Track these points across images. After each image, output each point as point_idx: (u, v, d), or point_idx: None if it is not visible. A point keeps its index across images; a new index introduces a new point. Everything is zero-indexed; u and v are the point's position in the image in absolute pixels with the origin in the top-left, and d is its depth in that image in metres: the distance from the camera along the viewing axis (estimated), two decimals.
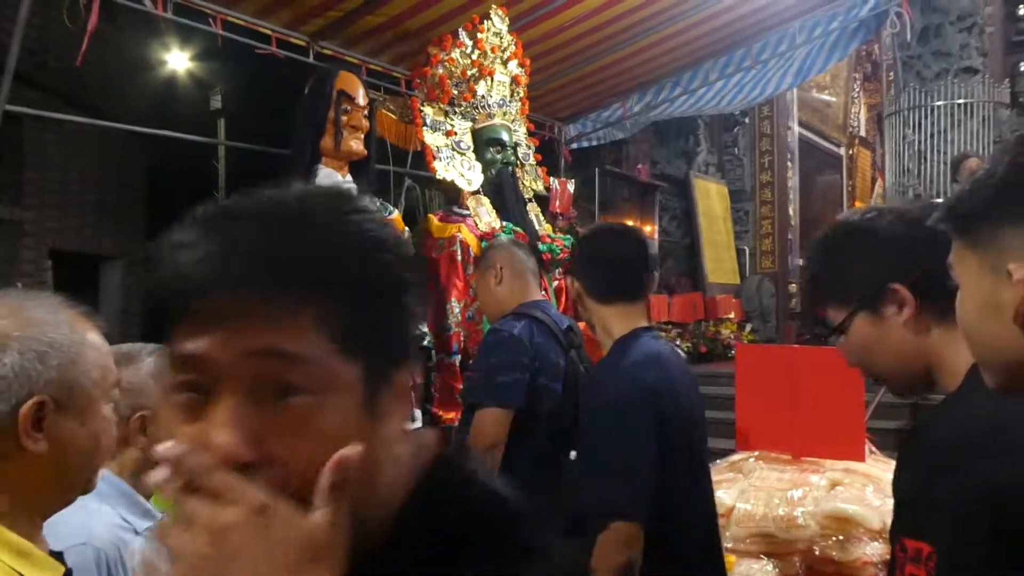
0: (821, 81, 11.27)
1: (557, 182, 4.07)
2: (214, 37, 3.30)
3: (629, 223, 7.48)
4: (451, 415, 2.98)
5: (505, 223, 3.32)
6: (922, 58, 6.95)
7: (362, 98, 2.84)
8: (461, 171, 3.33)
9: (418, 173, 4.00)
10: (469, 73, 3.41)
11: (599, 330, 1.82)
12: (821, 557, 2.21)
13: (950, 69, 6.84)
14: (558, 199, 4.05)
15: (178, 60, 7.04)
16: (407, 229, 3.00)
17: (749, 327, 8.80)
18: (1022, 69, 8.52)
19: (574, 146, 5.56)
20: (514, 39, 3.58)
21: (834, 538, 2.20)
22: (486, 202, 3.37)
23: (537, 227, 3.53)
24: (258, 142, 3.72)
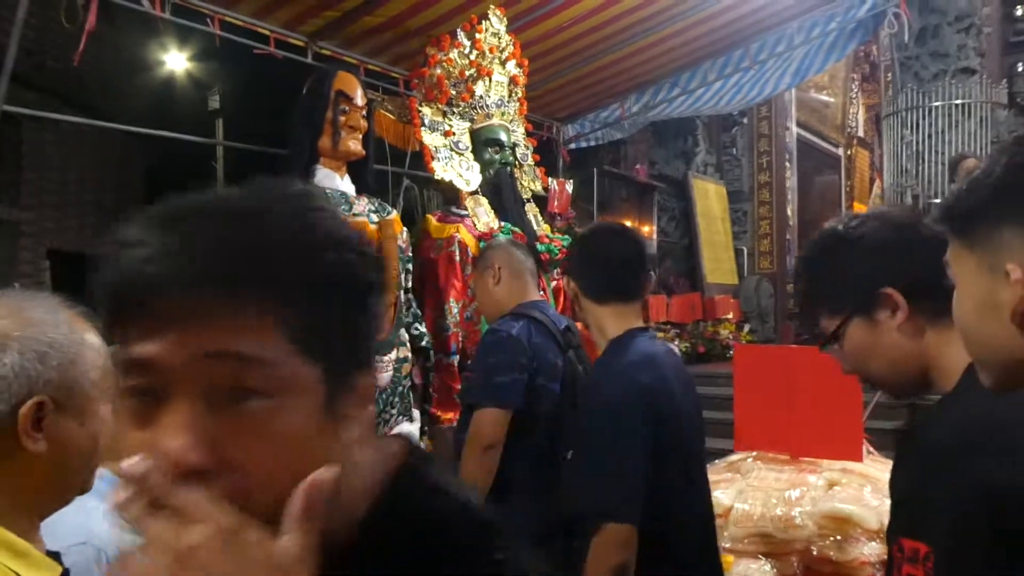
0: (819, 82, 11.28)
1: (555, 182, 4.07)
2: (212, 37, 3.30)
3: (627, 223, 7.48)
4: (449, 415, 2.98)
5: (503, 223, 3.32)
6: (920, 59, 6.96)
7: (360, 98, 2.84)
8: (459, 171, 3.33)
9: (416, 173, 4.00)
10: (467, 73, 3.41)
11: (594, 330, 1.82)
12: (819, 557, 2.21)
13: (948, 70, 6.85)
14: (556, 199, 4.05)
15: (176, 60, 7.04)
16: (405, 229, 2.99)
17: (747, 327, 8.81)
18: (1020, 69, 8.54)
19: (572, 146, 5.55)
20: (512, 39, 3.58)
21: (832, 538, 2.20)
22: (484, 202, 3.37)
23: (535, 227, 3.53)
24: (256, 142, 3.72)
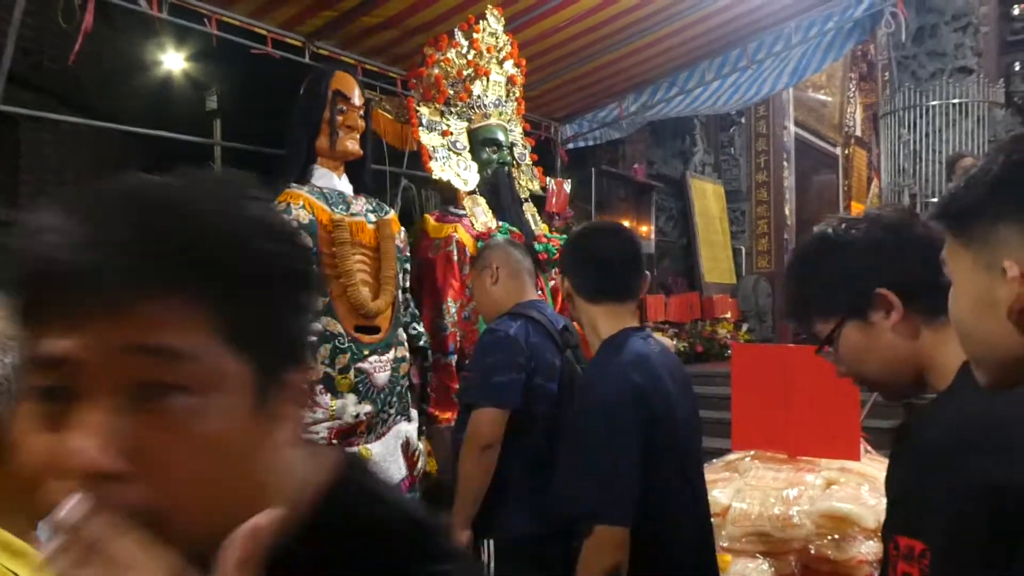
0: (817, 81, 11.30)
1: (553, 182, 4.06)
2: (209, 37, 3.29)
3: (624, 223, 7.48)
4: (447, 415, 2.98)
5: (501, 223, 3.32)
6: (917, 58, 6.96)
7: (358, 98, 2.83)
8: (457, 171, 3.32)
9: (414, 173, 4.00)
10: (465, 73, 3.41)
11: (588, 329, 1.80)
12: (817, 556, 2.21)
13: (945, 69, 6.85)
14: (554, 199, 4.05)
15: (173, 60, 7.02)
16: (403, 229, 2.99)
17: (745, 327, 8.82)
18: (1017, 69, 8.55)
19: (570, 146, 5.55)
20: (510, 39, 3.57)
21: (830, 537, 2.20)
22: (482, 202, 3.36)
23: (533, 227, 3.52)
24: (253, 142, 3.72)
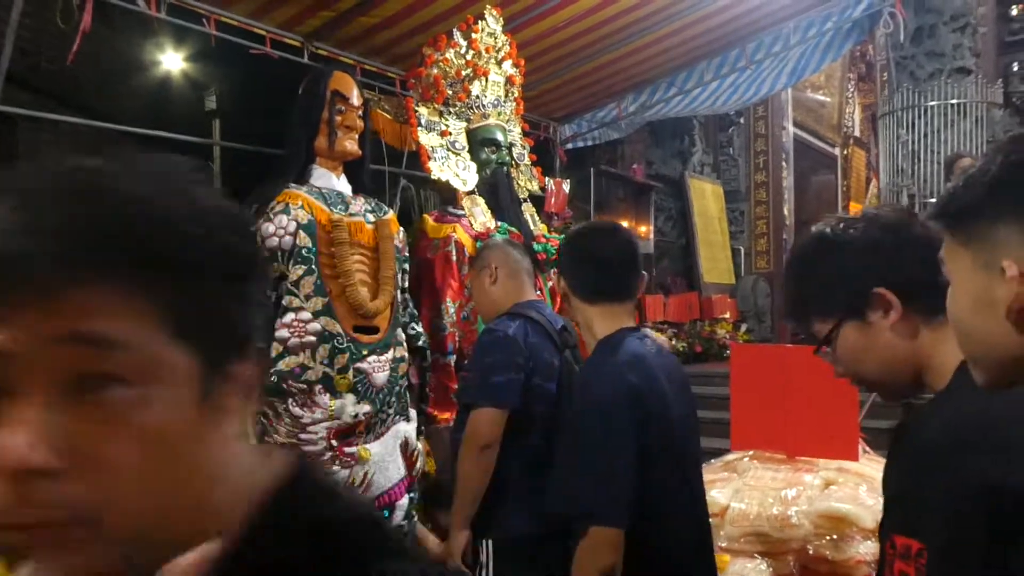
0: (816, 81, 11.31)
1: (552, 182, 4.06)
2: (208, 38, 3.29)
3: (623, 223, 7.48)
4: (446, 415, 2.97)
5: (500, 223, 3.32)
6: (915, 58, 6.97)
7: (356, 98, 2.83)
8: (456, 171, 3.32)
9: (413, 173, 4.00)
10: (464, 73, 3.41)
11: (584, 329, 1.80)
12: (815, 556, 2.22)
13: (943, 69, 6.86)
14: (553, 199, 4.04)
15: (172, 61, 7.02)
16: (402, 229, 2.99)
17: (744, 327, 8.82)
18: (1015, 69, 8.56)
19: (569, 146, 5.55)
20: (509, 39, 3.57)
21: (828, 537, 2.20)
22: (481, 202, 3.36)
23: (532, 227, 3.52)
24: (252, 142, 3.71)
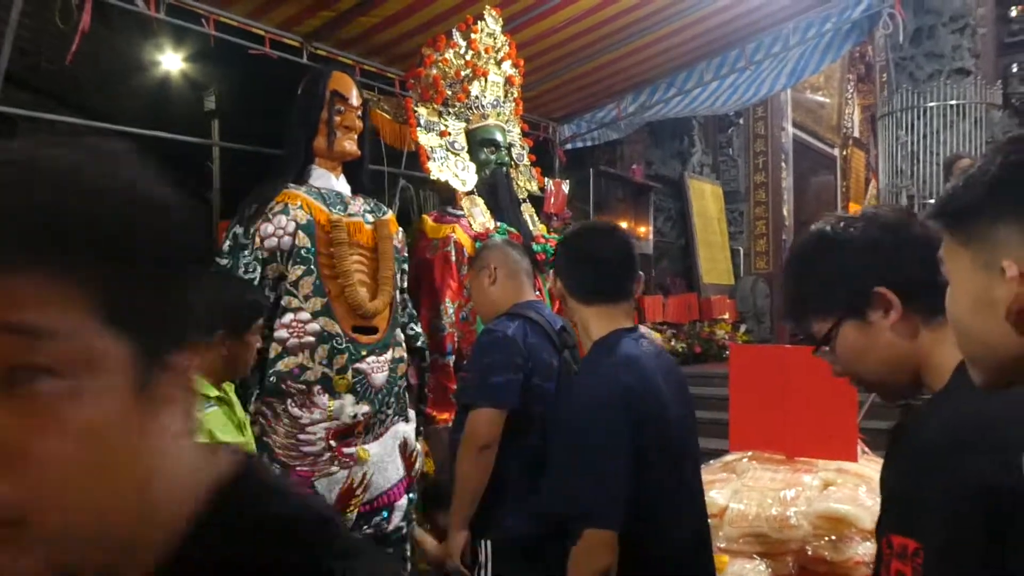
0: (815, 82, 11.32)
1: (551, 182, 4.06)
2: (207, 38, 3.29)
3: (620, 223, 7.48)
4: (445, 415, 2.97)
5: (499, 223, 3.32)
6: (915, 59, 6.98)
7: (355, 98, 2.83)
8: (455, 172, 3.32)
9: (412, 173, 3.99)
10: (463, 74, 3.41)
11: (580, 330, 1.79)
12: (814, 557, 2.22)
13: (943, 70, 6.87)
14: (552, 199, 4.05)
15: (171, 61, 7.01)
16: (401, 229, 2.98)
17: (743, 327, 8.83)
18: (1014, 70, 8.57)
19: (568, 147, 5.55)
20: (508, 40, 3.57)
21: (827, 538, 2.20)
22: (480, 202, 3.36)
23: (531, 227, 3.52)
24: (251, 143, 3.71)
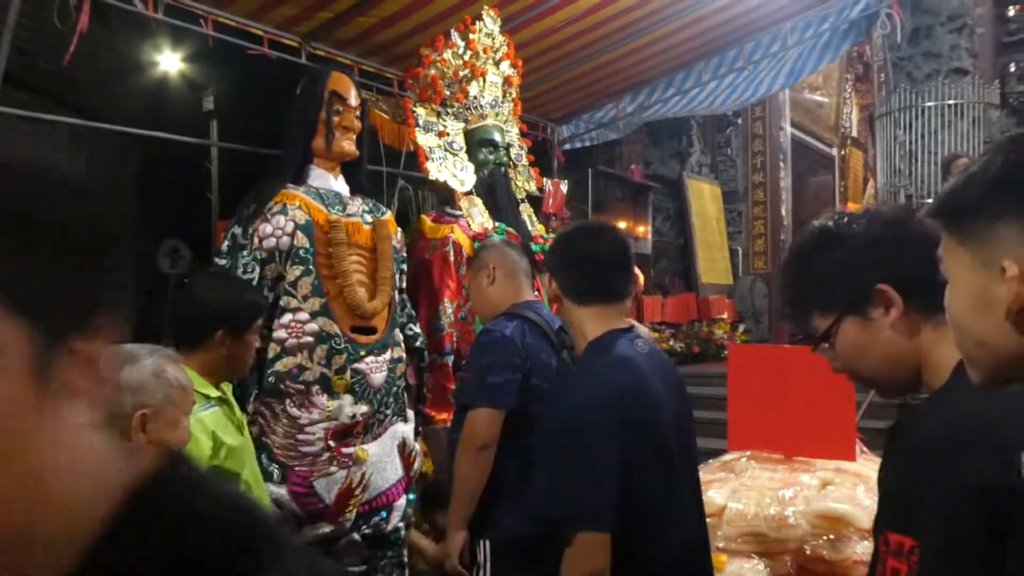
0: (813, 82, 11.33)
1: (550, 183, 4.07)
2: (205, 38, 3.28)
3: (616, 223, 7.48)
4: (444, 416, 2.97)
5: (498, 224, 3.32)
6: (912, 59, 6.99)
7: (354, 99, 2.83)
8: (454, 172, 3.32)
9: (411, 174, 3.99)
10: (461, 74, 3.41)
11: (575, 331, 1.78)
12: (812, 556, 2.22)
13: (940, 70, 6.88)
14: (551, 200, 4.05)
15: (170, 61, 7.01)
16: (400, 230, 2.98)
17: (742, 327, 8.84)
18: (1012, 70, 8.57)
19: (567, 147, 5.55)
20: (506, 40, 3.57)
21: (825, 537, 2.21)
22: (479, 203, 3.36)
23: (530, 228, 3.53)
24: (250, 143, 3.71)
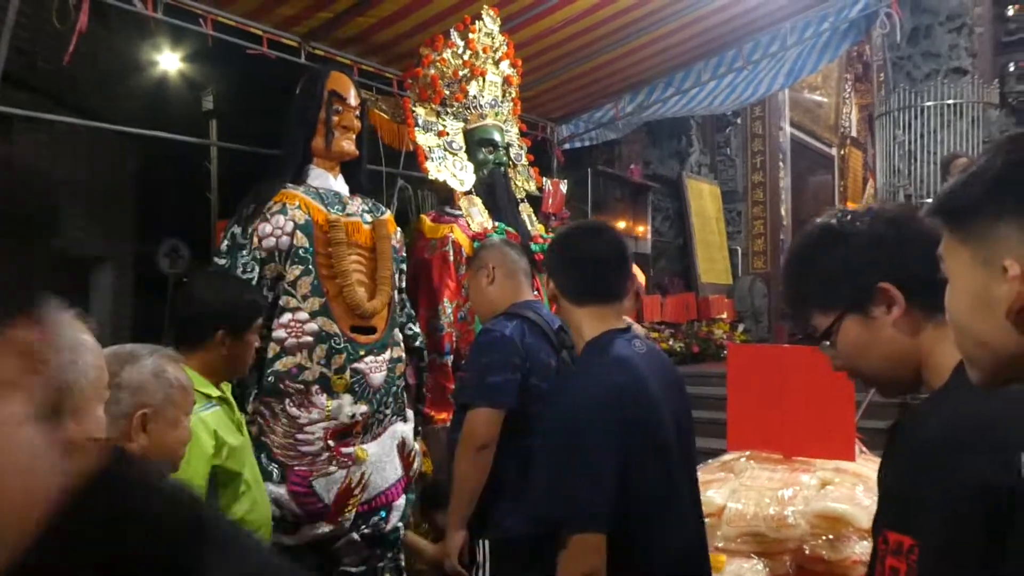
0: (812, 82, 11.33)
1: (550, 182, 4.07)
2: (205, 38, 3.28)
3: (615, 222, 7.48)
4: (443, 415, 2.97)
5: (497, 223, 3.32)
6: (912, 59, 6.99)
7: (353, 98, 2.83)
8: (453, 171, 3.32)
9: (410, 173, 3.99)
10: (461, 73, 3.41)
11: (573, 331, 1.78)
12: (811, 556, 2.22)
13: (940, 70, 6.88)
14: (551, 199, 4.05)
15: (169, 61, 7.01)
16: (399, 229, 2.98)
17: (741, 327, 8.85)
18: (1011, 70, 8.57)
19: (567, 147, 5.55)
20: (506, 39, 3.57)
21: (824, 537, 2.21)
22: (478, 202, 3.36)
23: (529, 227, 3.53)
24: (249, 143, 3.71)
